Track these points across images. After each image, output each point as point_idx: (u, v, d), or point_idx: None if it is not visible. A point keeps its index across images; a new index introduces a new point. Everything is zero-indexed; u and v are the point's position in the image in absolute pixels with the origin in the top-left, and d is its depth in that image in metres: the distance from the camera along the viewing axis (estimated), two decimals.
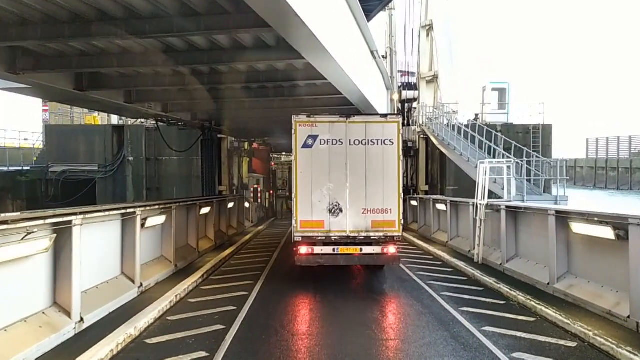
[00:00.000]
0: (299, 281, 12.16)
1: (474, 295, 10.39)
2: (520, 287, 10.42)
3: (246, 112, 21.88)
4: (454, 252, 15.98)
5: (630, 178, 49.97)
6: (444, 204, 18.18)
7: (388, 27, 32.47)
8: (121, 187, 26.75)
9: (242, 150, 31.33)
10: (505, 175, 14.14)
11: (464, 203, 16.26)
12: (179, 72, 14.90)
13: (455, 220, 17.34)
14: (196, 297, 10.29)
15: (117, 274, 9.53)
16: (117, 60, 12.94)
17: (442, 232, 18.95)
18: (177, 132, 25.33)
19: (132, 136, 26.99)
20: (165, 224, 12.22)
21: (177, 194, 26.17)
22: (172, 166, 27.00)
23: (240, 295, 10.43)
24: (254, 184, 33.40)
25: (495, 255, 13.30)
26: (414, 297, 10.34)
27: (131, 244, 9.73)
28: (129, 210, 9.64)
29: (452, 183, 27.16)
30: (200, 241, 15.69)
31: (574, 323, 7.79)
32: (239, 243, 18.47)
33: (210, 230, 17.22)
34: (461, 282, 11.83)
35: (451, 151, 21.10)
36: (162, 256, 12.21)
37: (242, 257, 15.98)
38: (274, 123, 23.70)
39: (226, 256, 15.39)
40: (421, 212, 22.31)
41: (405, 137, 31.27)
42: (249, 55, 12.41)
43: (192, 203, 14.87)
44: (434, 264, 14.48)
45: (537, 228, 11.19)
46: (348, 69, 13.34)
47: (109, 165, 26.81)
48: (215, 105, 20.07)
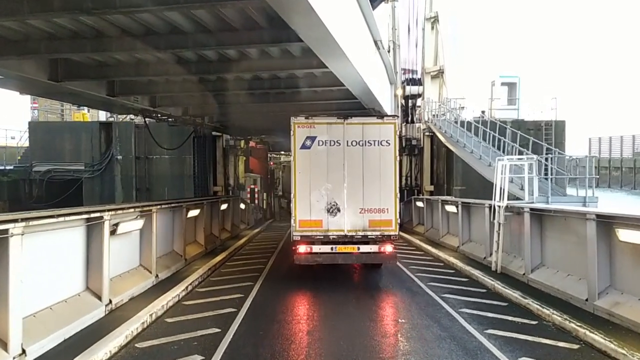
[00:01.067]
0: (295, 293, 10.73)
1: (499, 313, 8.93)
2: (552, 303, 8.97)
3: (241, 107, 20.46)
4: (467, 258, 14.54)
5: (634, 178, 48.56)
6: (454, 206, 16.72)
7: (391, 19, 30.99)
8: (109, 187, 25.30)
9: (238, 149, 29.84)
10: (526, 174, 12.68)
11: (478, 205, 14.81)
12: (163, 60, 13.46)
13: (467, 224, 15.89)
14: (175, 316, 8.82)
15: (80, 290, 8.08)
16: (90, 45, 11.50)
17: (452, 235, 17.50)
18: (168, 129, 23.88)
19: (121, 133, 25.50)
20: (145, 230, 10.77)
21: (168, 194, 24.72)
22: (164, 165, 25.55)
23: (227, 313, 8.98)
24: (250, 184, 31.92)
25: (516, 264, 11.85)
26: (429, 316, 8.89)
27: (98, 254, 8.28)
28: (95, 214, 8.18)
29: (460, 183, 25.74)
30: (188, 247, 14.25)
31: (632, 355, 6.33)
32: (232, 248, 17.00)
33: (200, 234, 15.76)
34: (480, 296, 10.38)
35: (460, 149, 19.65)
36: (141, 266, 10.75)
37: (234, 264, 14.53)
38: (271, 119, 22.27)
39: (217, 263, 13.94)
40: (428, 213, 20.86)
41: (409, 135, 29.85)
42: (239, 36, 10.96)
43: (178, 205, 13.41)
44: (446, 273, 13.03)
45: (569, 234, 9.74)
46: (351, 56, 11.86)
47: (96, 164, 25.34)
48: (208, 100, 18.68)
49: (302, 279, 12.25)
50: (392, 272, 13.20)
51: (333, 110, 20.65)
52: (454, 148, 20.72)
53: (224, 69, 13.98)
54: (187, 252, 13.80)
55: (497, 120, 20.77)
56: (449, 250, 16.31)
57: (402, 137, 29.54)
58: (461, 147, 19.47)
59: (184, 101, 19.69)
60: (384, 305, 9.96)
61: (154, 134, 23.06)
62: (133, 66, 14.05)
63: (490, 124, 18.91)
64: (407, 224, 25.06)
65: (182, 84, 16.48)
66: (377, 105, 18.60)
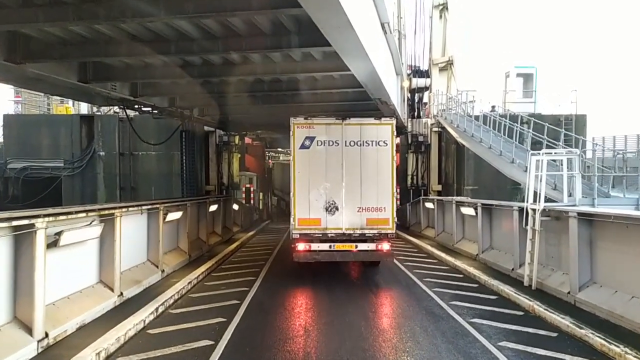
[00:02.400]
0: (292, 318, 8.75)
1: (550, 349, 6.92)
2: (617, 335, 6.99)
3: (233, 99, 18.49)
4: (489, 269, 12.58)
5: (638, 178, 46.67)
6: (472, 208, 14.75)
7: (397, 7, 28.94)
8: (91, 186, 23.23)
9: (232, 145, 27.84)
10: (564, 172, 10.68)
11: (503, 207, 12.83)
12: (137, 37, 11.48)
13: (488, 228, 13.92)
14: (134, 352, 6.81)
15: (3, 323, 6.09)
16: (42, 14, 9.51)
17: (469, 241, 15.54)
18: (155, 123, 21.88)
19: (104, 128, 23.41)
20: (106, 239, 8.79)
21: (155, 194, 22.71)
22: (150, 162, 23.50)
23: (201, 349, 7.00)
24: (246, 184, 29.92)
25: (556, 279, 9.88)
26: (461, 353, 6.89)
27: (28, 273, 6.29)
28: (22, 222, 6.18)
29: (471, 182, 23.78)
30: (168, 256, 12.31)
31: None
32: (221, 255, 14.99)
33: (183, 240, 13.78)
34: (519, 321, 8.38)
35: (475, 144, 17.66)
36: (101, 283, 8.76)
37: (221, 275, 12.53)
38: (268, 111, 20.32)
39: (200, 275, 11.94)
40: (439, 216, 18.87)
41: (416, 131, 27.89)
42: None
43: (153, 208, 11.42)
44: (468, 287, 11.04)
45: (633, 245, 7.77)
46: (359, 30, 9.84)
47: (77, 161, 23.23)
48: (196, 89, 16.69)
49: (301, 295, 10.35)
50: (407, 287, 11.27)
51: (335, 101, 18.76)
52: (468, 143, 18.73)
53: (209, 49, 11.99)
54: (166, 261, 11.84)
55: (514, 113, 18.79)
56: (467, 258, 14.35)
57: (408, 133, 27.62)
58: (476, 142, 17.49)
59: (170, 90, 17.67)
60: (402, 335, 7.91)
61: (139, 128, 21.04)
62: (103, 45, 12.05)
63: (510, 118, 16.96)
64: (415, 226, 23.08)
65: (165, 69, 14.48)
66: (384, 95, 16.57)
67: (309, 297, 10.36)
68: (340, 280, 12.20)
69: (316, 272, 12.44)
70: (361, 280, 12.27)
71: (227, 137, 27.43)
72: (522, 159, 14.18)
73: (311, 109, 18.17)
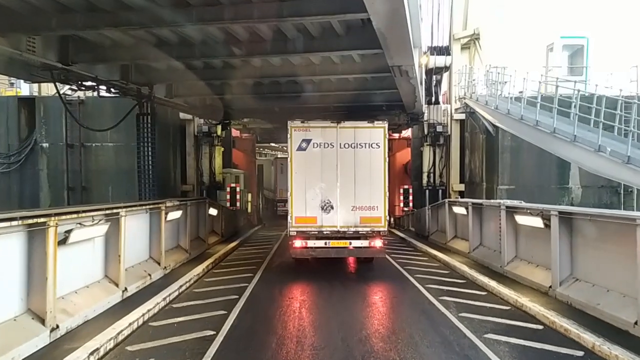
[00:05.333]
0: None
1: None
2: None
3: (211, 72, 14.06)
4: (579, 312, 8.13)
5: None
6: (539, 218, 10.21)
7: None
8: (31, 185, 18.59)
9: (214, 137, 23.31)
10: None
11: (602, 218, 8.31)
12: None
13: (567, 248, 9.42)
14: None
15: None
16: None
17: (530, 264, 11.10)
18: (114, 105, 17.35)
19: (48, 113, 18.71)
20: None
21: (113, 195, 18.18)
22: (107, 156, 18.87)
23: None
24: (231, 183, 25.31)
25: None
26: None
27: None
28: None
29: (507, 181, 19.34)
30: (77, 296, 7.76)
31: None
32: (176, 285, 10.38)
33: (114, 268, 9.16)
34: None
35: (532, 129, 13.10)
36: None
37: (163, 328, 7.96)
38: (253, 87, 15.87)
39: (125, 330, 7.37)
40: (475, 224, 14.41)
41: (433, 120, 23.41)
42: None
43: (40, 224, 6.81)
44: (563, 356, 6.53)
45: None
46: None
47: (14, 154, 18.55)
48: (160, 54, 12.23)
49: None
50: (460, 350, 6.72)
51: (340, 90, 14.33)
52: (516, 131, 14.19)
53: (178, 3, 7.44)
54: (69, 310, 7.29)
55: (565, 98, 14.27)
56: (531, 290, 9.91)
57: (424, 122, 23.12)
58: (532, 128, 12.92)
59: (118, 56, 13.10)
60: None
61: (92, 113, 16.52)
62: None
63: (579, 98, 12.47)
64: (437, 235, 18.56)
65: (107, 16, 9.97)
66: (407, 54, 11.93)
67: None
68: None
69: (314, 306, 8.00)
70: (382, 331, 7.75)
71: (208, 127, 22.94)
72: (618, 148, 9.69)
73: None
